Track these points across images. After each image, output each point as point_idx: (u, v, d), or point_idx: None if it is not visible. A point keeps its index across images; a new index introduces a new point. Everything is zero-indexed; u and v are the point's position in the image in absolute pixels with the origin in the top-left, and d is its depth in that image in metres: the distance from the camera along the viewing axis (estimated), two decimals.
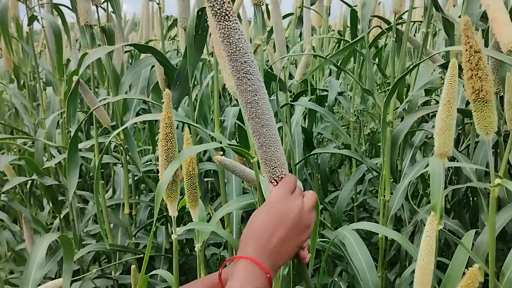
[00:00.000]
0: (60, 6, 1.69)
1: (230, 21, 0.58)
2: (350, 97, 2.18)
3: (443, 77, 1.48)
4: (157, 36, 2.92)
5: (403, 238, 1.07)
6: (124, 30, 3.06)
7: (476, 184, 1.31)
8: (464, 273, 0.78)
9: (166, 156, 0.83)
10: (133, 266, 0.99)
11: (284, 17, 2.28)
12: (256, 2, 1.09)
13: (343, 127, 3.13)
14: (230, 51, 0.59)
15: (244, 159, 1.25)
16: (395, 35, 1.31)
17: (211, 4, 0.57)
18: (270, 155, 0.65)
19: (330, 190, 2.35)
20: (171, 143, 0.82)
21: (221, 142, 1.22)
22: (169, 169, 0.79)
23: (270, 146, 0.65)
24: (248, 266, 0.63)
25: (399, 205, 1.38)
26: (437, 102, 1.69)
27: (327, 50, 3.21)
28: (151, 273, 1.00)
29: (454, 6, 1.93)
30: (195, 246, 1.57)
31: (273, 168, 0.66)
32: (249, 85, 0.61)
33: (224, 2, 0.57)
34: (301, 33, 2.21)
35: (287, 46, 1.91)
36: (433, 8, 1.35)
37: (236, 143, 1.50)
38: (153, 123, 1.80)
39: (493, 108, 0.63)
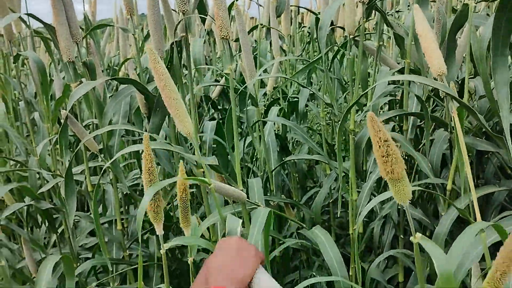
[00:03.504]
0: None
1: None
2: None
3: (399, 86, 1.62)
4: (134, 50, 3.02)
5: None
6: (101, 45, 3.16)
7: (432, 180, 1.47)
8: None
9: (150, 187, 0.97)
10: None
11: (253, 29, 2.41)
12: (223, 36, 1.22)
13: (317, 125, 3.28)
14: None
15: (223, 175, 1.39)
16: (350, 53, 1.45)
17: None
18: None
19: (309, 185, 2.50)
20: (153, 175, 0.96)
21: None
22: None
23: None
24: None
25: (366, 202, 1.53)
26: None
27: (299, 50, 3.35)
28: None
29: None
30: (185, 253, 1.71)
31: None
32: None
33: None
34: (271, 42, 2.34)
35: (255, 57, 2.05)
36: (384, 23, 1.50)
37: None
38: (138, 141, 1.93)
39: (406, 181, 0.69)
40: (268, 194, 1.78)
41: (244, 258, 0.90)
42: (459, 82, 1.62)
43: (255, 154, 2.11)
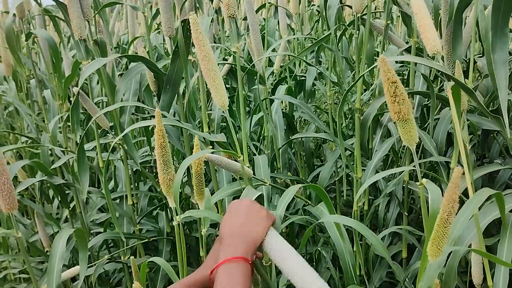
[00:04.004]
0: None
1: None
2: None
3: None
4: (142, 29, 3.03)
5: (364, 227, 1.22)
6: (110, 23, 3.17)
7: (436, 159, 1.49)
8: None
9: (163, 160, 1.00)
10: (132, 258, 1.15)
11: (261, 7, 2.42)
12: (230, 15, 1.24)
13: (325, 104, 3.29)
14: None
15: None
16: (358, 31, 1.46)
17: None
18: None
19: (317, 164, 2.53)
20: (165, 149, 0.99)
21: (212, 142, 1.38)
22: (178, 176, 0.96)
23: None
24: (226, 266, 0.85)
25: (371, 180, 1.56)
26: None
27: (308, 28, 3.34)
28: (150, 259, 1.18)
29: None
30: (194, 228, 1.75)
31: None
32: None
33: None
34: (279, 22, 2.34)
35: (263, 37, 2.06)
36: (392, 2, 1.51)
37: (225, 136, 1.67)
38: (148, 118, 1.96)
39: (413, 124, 0.76)
40: (275, 172, 1.81)
41: (255, 219, 0.94)
42: (467, 61, 1.63)
43: (262, 133, 2.14)
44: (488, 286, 1.07)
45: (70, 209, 1.91)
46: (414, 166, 1.52)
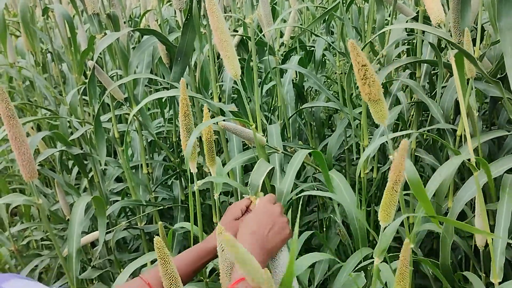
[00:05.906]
0: None
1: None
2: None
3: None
4: (154, 2, 3.04)
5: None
6: None
7: (443, 126, 1.52)
8: None
9: (186, 129, 1.05)
10: (160, 223, 1.21)
11: None
12: None
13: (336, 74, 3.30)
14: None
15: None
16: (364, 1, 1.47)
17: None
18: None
19: (328, 134, 2.57)
20: (188, 118, 1.04)
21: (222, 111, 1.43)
22: (191, 140, 1.01)
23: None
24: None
25: (377, 148, 1.60)
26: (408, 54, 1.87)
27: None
28: (175, 226, 1.24)
29: None
30: (208, 196, 1.82)
31: None
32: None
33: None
34: None
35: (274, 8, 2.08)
36: None
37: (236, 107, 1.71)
38: (160, 89, 2.01)
39: (383, 103, 0.80)
40: (285, 142, 1.86)
41: (280, 233, 0.98)
42: (477, 29, 1.63)
43: (273, 103, 2.18)
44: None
45: (89, 179, 1.99)
46: (422, 132, 1.55)
